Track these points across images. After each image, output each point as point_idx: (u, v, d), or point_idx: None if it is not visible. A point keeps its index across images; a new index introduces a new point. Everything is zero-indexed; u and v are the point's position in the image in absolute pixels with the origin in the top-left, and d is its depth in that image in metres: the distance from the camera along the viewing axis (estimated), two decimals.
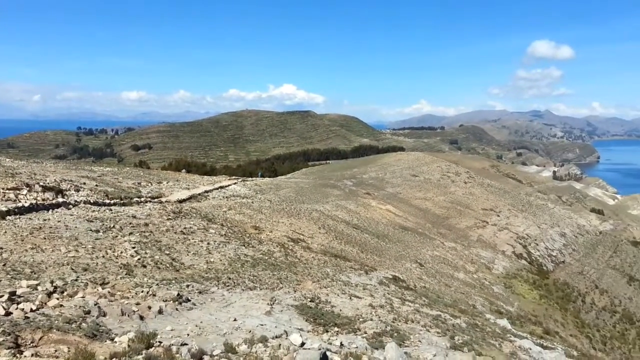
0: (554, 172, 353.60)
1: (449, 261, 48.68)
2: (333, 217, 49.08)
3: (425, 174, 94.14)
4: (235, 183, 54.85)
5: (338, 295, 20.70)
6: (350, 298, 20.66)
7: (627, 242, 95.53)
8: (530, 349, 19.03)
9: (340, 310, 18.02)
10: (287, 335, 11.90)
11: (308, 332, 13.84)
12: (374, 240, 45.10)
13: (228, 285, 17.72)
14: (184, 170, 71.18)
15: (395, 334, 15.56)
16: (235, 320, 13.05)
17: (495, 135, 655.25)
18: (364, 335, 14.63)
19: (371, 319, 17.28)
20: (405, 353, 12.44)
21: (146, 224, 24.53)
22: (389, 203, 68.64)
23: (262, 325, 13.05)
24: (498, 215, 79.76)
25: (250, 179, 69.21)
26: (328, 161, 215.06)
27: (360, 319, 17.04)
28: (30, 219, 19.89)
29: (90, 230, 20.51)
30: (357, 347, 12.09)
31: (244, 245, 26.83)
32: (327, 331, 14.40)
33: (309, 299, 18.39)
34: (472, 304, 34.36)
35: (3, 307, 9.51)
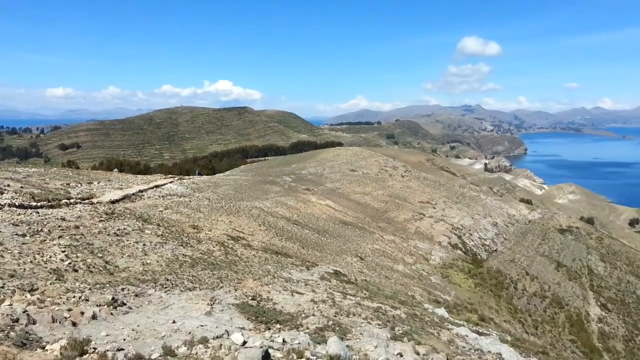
0: (485, 164, 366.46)
1: (389, 254, 49.52)
2: (273, 213, 48.89)
3: (364, 169, 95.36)
4: (171, 182, 53.57)
5: (280, 292, 20.58)
6: (292, 294, 20.60)
7: (554, 229, 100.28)
8: (467, 336, 19.55)
9: (282, 307, 17.91)
10: (228, 335, 11.72)
11: (250, 330, 13.67)
12: (315, 235, 45.26)
13: (166, 287, 17.27)
14: (116, 170, 68.95)
15: (337, 328, 15.61)
16: (174, 322, 12.71)
17: (430, 130, 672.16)
18: (307, 330, 14.59)
19: (313, 315, 17.26)
20: (347, 346, 12.49)
21: (77, 227, 23.55)
22: (328, 198, 69.08)
23: (202, 326, 12.77)
24: (434, 208, 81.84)
25: (187, 177, 67.78)
26: (267, 157, 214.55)
27: (303, 315, 17.00)
28: None
29: (16, 234, 19.50)
30: (299, 343, 12.06)
31: (182, 245, 26.27)
32: (269, 329, 14.28)
33: (250, 297, 18.18)
34: (411, 295, 35.09)
35: None
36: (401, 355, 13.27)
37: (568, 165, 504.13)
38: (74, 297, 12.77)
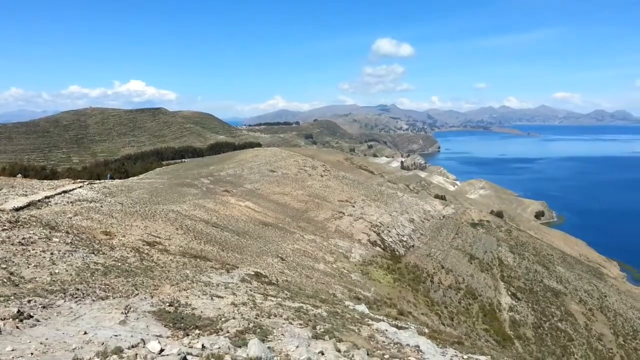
0: (402, 162, 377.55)
1: (310, 253, 49.76)
2: (191, 216, 47.81)
3: (283, 169, 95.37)
4: (81, 187, 51.06)
5: (199, 296, 20.10)
6: (212, 298, 20.19)
7: (466, 224, 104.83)
8: (387, 331, 19.96)
9: (202, 311, 17.50)
10: (144, 344, 11.29)
11: (167, 337, 13.23)
12: (235, 237, 44.69)
13: (76, 297, 16.38)
14: (19, 175, 64.84)
15: (259, 330, 15.46)
16: (85, 333, 12.08)
17: (348, 129, 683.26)
18: (227, 334, 14.34)
19: (234, 318, 17.01)
20: (269, 348, 12.40)
21: None
22: (248, 199, 68.48)
23: (116, 335, 12.22)
24: (353, 206, 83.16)
25: (98, 181, 64.93)
26: (183, 160, 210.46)
27: (223, 319, 16.69)
28: None
29: None
30: (219, 348, 11.81)
31: (94, 253, 25.06)
32: (187, 335, 13.90)
33: (167, 304, 17.63)
34: (332, 293, 35.41)
35: None
36: (322, 354, 13.32)
37: (478, 162, 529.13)
38: None
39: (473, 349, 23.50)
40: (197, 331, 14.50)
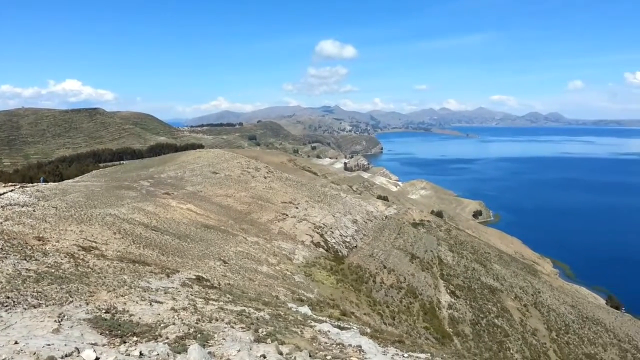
0: (345, 163, 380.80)
1: (253, 256, 49.47)
2: (129, 220, 46.58)
3: (226, 171, 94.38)
4: (12, 190, 48.83)
5: (137, 302, 19.61)
6: (151, 304, 19.74)
7: (408, 224, 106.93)
8: (329, 332, 20.08)
9: (140, 318, 17.09)
10: (78, 352, 10.93)
11: (103, 345, 12.85)
12: (176, 241, 43.88)
13: (6, 306, 15.67)
14: None
15: (199, 335, 15.23)
16: (16, 343, 11.58)
17: (291, 130, 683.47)
18: (166, 340, 14.06)
19: (173, 323, 16.69)
20: (209, 353, 12.27)
21: None
22: (189, 202, 67.37)
23: (49, 345, 11.77)
24: (297, 207, 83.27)
25: (30, 184, 62.24)
26: (122, 162, 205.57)
27: (162, 325, 16.35)
28: None
29: None
30: (158, 355, 11.59)
31: (26, 259, 24.03)
32: (124, 342, 13.53)
33: (103, 311, 17.11)
34: (275, 295, 35.34)
35: None
36: (264, 357, 13.27)
37: (420, 163, 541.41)
38: None
39: (413, 347, 23.99)
40: (134, 338, 14.15)
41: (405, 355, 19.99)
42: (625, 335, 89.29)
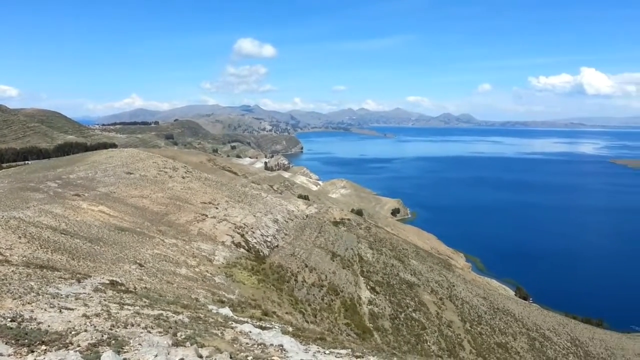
0: (266, 163, 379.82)
1: (171, 258, 48.10)
2: (36, 223, 43.93)
3: (141, 171, 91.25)
4: None
5: (45, 309, 18.47)
6: (61, 311, 18.65)
7: (329, 222, 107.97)
8: (251, 332, 19.82)
9: (49, 325, 16.09)
10: None
11: (9, 355, 11.98)
12: (87, 245, 41.84)
13: None
14: None
15: (114, 342, 14.53)
16: None
17: (210, 130, 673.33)
18: (77, 348, 13.30)
19: (85, 330, 15.83)
20: (124, 359, 11.76)
21: None
22: (102, 203, 64.53)
23: None
24: (217, 208, 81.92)
25: None
26: (27, 162, 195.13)
27: (73, 332, 15.47)
28: None
29: None
30: None
31: None
32: (32, 351, 12.68)
33: (9, 319, 15.97)
34: (195, 298, 34.52)
35: None
36: None
37: (340, 162, 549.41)
38: None
39: (335, 344, 24.16)
40: (43, 347, 13.29)
41: (327, 352, 20.09)
42: (533, 324, 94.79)
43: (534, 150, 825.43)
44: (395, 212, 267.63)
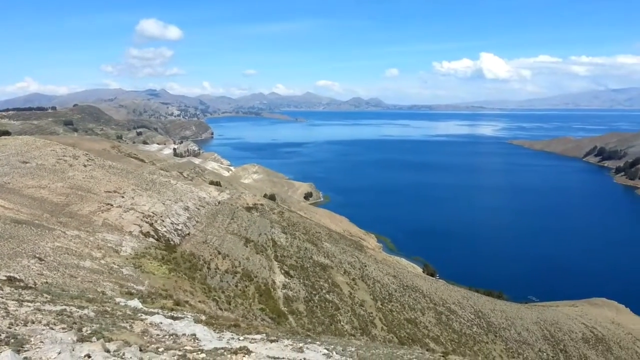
0: (174, 149, 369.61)
1: (74, 250, 45.76)
2: None
3: (38, 160, 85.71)
4: None
5: None
6: None
7: (242, 208, 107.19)
8: (162, 323, 19.40)
9: None
10: None
11: None
12: None
13: None
14: None
15: (13, 340, 13.68)
16: None
17: (114, 115, 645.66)
18: None
19: None
20: (25, 358, 11.17)
21: None
22: None
23: None
24: (123, 197, 78.80)
25: None
26: None
27: None
28: None
29: None
30: None
31: None
32: None
33: None
34: (101, 291, 33.16)
35: None
36: (89, 357, 12.39)
37: (251, 147, 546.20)
38: None
39: (249, 330, 24.14)
40: None
41: (241, 338, 20.05)
42: (440, 299, 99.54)
43: (438, 132, 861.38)
44: (308, 196, 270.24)
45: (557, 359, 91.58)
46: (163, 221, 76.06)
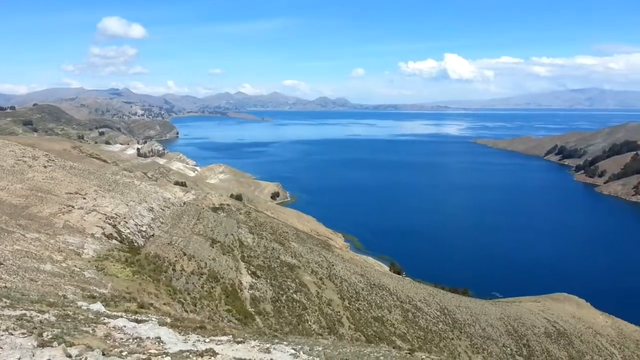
0: (138, 149, 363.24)
1: (33, 254, 44.57)
2: None
3: None
4: None
5: None
6: None
7: (207, 209, 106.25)
8: (125, 327, 19.08)
9: None
10: None
11: None
12: None
13: None
14: None
15: None
16: None
17: (75, 115, 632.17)
18: None
19: None
20: None
21: None
22: None
23: None
24: (84, 198, 77.10)
25: None
26: None
27: None
28: None
29: None
30: None
31: None
32: None
33: None
34: (62, 295, 32.37)
35: None
36: None
37: (217, 147, 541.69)
38: None
39: (215, 332, 23.92)
40: None
41: (207, 340, 19.87)
42: (406, 296, 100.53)
43: (404, 132, 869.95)
44: (275, 195, 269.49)
45: (521, 354, 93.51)
46: (126, 222, 74.73)
